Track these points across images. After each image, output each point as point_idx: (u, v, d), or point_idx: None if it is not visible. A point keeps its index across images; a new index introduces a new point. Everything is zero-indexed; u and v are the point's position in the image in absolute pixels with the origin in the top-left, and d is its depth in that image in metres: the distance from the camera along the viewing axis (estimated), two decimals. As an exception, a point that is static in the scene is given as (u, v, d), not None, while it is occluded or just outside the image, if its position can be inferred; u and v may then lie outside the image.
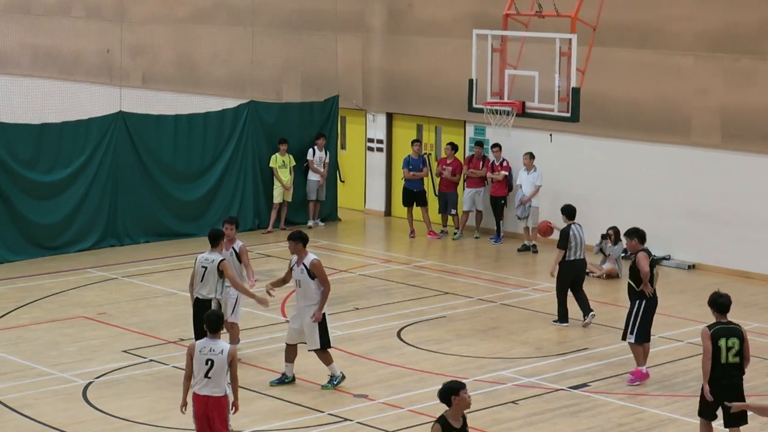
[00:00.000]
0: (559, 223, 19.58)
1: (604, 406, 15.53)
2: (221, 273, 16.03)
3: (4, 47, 34.18)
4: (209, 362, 12.54)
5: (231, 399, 12.79)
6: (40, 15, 34.99)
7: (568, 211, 19.30)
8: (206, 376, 12.55)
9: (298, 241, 16.02)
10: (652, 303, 16.46)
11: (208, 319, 12.78)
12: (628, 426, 14.91)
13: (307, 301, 15.83)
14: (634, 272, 16.43)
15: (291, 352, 16.13)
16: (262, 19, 29.10)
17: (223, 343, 12.70)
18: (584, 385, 16.23)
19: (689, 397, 15.92)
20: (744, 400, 13.35)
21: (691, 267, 23.14)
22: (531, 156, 24.38)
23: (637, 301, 16.40)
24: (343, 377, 16.10)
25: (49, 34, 34.23)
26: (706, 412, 13.53)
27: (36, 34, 34.43)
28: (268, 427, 14.73)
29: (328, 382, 16.05)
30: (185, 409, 12.84)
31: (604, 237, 22.58)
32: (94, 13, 33.44)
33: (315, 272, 15.82)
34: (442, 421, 10.79)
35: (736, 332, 13.50)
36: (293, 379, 16.19)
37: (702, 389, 13.39)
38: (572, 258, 18.89)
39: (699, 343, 18.13)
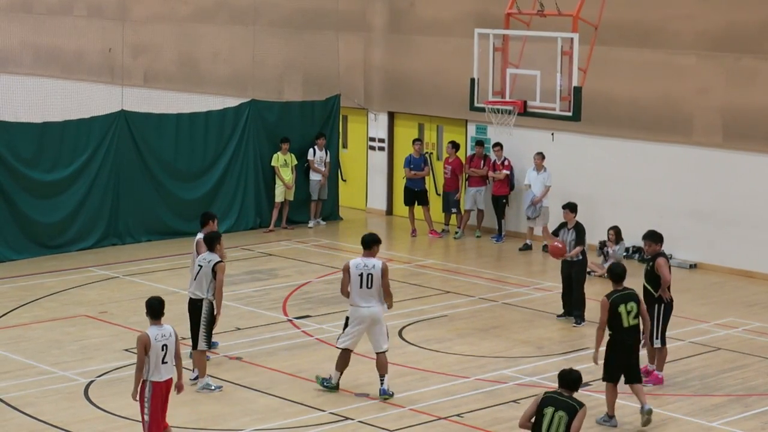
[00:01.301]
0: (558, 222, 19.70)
1: (605, 405, 15.52)
2: (215, 274, 15.97)
3: (6, 46, 34.19)
4: (164, 348, 12.92)
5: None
6: (42, 14, 35.01)
7: (575, 208, 19.50)
8: (163, 361, 12.93)
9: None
10: (670, 306, 16.46)
11: (151, 306, 13.10)
12: (630, 425, 14.90)
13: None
14: (652, 277, 16.28)
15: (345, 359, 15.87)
16: (264, 18, 29.11)
17: (168, 327, 13.11)
18: (586, 384, 16.19)
19: (690, 396, 15.93)
20: (638, 359, 14.88)
21: (693, 266, 23.14)
22: (542, 156, 24.30)
23: (656, 306, 16.28)
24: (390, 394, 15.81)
25: (51, 33, 34.24)
26: (611, 376, 14.71)
27: (38, 33, 34.45)
28: (269, 426, 14.74)
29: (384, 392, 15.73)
30: (137, 397, 13.06)
31: (602, 244, 22.64)
32: (96, 12, 33.45)
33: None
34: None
35: (633, 296, 14.83)
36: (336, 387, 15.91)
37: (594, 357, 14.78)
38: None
39: (701, 343, 18.29)
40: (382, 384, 15.65)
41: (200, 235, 16.94)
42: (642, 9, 23.52)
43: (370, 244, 15.72)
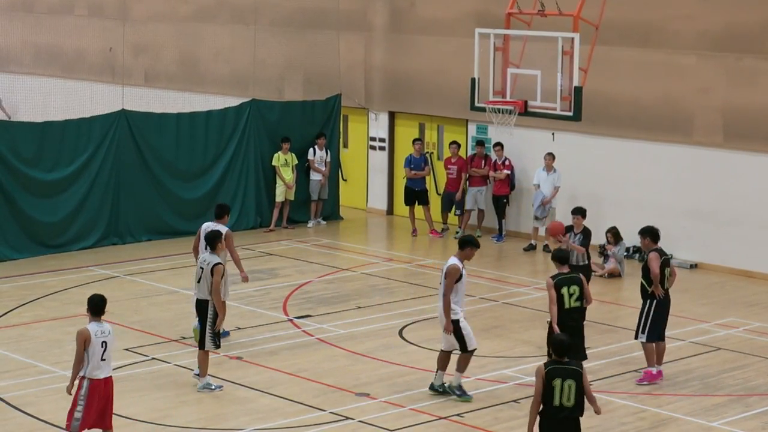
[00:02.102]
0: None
1: (606, 405, 15.50)
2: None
3: (7, 45, 34.19)
4: (104, 344, 12.89)
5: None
6: (42, 13, 35.01)
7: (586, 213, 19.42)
8: (102, 358, 12.87)
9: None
10: (663, 302, 16.44)
11: (93, 303, 13.07)
12: (630, 425, 14.91)
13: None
14: (647, 272, 16.38)
15: (445, 359, 15.79)
16: (265, 18, 29.11)
17: (107, 324, 13.07)
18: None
19: (691, 396, 15.93)
20: (584, 340, 15.46)
21: (694, 266, 23.14)
22: (552, 156, 24.26)
23: (648, 301, 16.38)
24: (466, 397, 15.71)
25: (51, 33, 34.24)
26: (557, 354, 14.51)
27: (38, 32, 34.44)
28: (269, 426, 14.74)
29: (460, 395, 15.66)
30: (72, 391, 12.98)
31: (602, 248, 22.68)
32: (97, 12, 33.46)
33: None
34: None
35: (576, 280, 15.45)
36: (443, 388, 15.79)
37: (550, 332, 15.03)
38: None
39: (701, 343, 18.29)
40: (435, 378, 15.72)
41: (209, 224, 17.51)
42: (643, 9, 23.51)
43: (464, 244, 15.72)
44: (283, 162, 26.05)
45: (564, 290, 15.30)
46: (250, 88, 28.06)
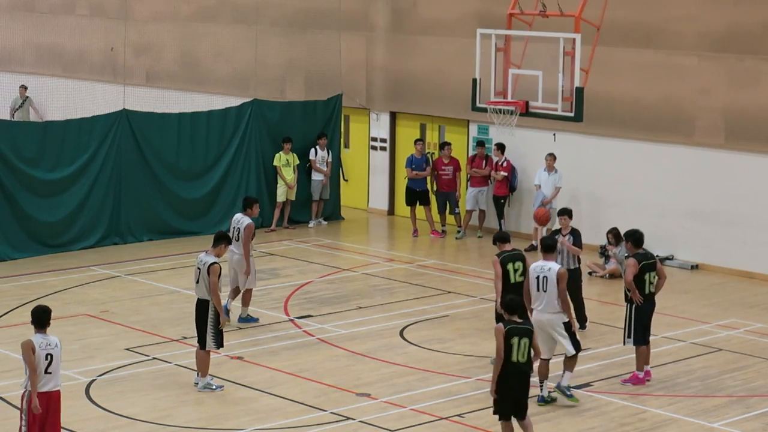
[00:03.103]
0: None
1: (607, 405, 15.53)
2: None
3: (8, 45, 34.19)
4: (49, 357, 12.69)
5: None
6: (44, 13, 35.01)
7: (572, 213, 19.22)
8: (46, 371, 12.67)
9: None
10: (646, 306, 16.35)
11: (36, 315, 12.86)
12: (631, 426, 14.91)
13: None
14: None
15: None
16: (266, 18, 29.11)
17: (53, 337, 12.85)
18: (587, 384, 16.22)
19: (692, 397, 15.93)
20: (526, 314, 15.14)
21: (695, 267, 23.12)
22: (553, 157, 24.24)
23: (628, 305, 16.36)
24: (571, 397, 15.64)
25: (53, 32, 34.24)
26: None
27: (40, 32, 34.45)
28: (270, 426, 14.74)
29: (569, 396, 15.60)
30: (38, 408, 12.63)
31: (603, 249, 22.65)
32: (98, 11, 33.46)
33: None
34: None
35: (520, 257, 16.43)
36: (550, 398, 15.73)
37: (496, 305, 15.91)
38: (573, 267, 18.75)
39: (702, 344, 18.29)
40: (541, 390, 15.63)
41: (239, 215, 18.78)
42: (644, 10, 23.51)
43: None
44: (285, 162, 26.05)
45: (509, 266, 16.24)
46: (252, 88, 28.07)
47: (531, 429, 13.88)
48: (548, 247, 15.74)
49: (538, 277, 15.41)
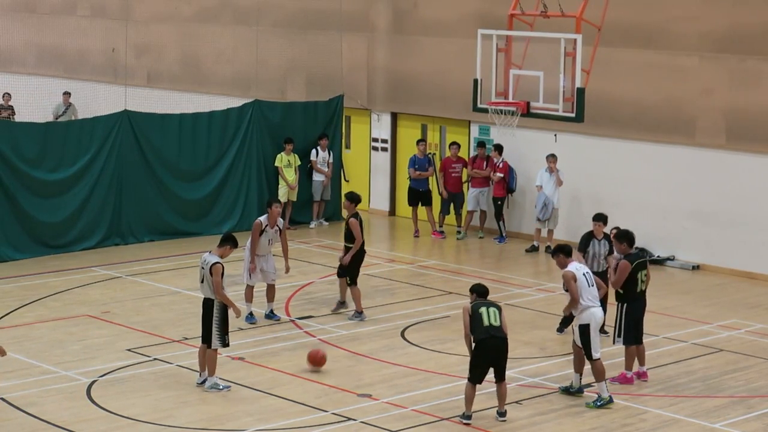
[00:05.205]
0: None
1: (608, 406, 15.53)
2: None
3: (10, 46, 34.23)
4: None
5: None
6: (45, 14, 35.04)
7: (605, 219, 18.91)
8: None
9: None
10: (636, 305, 16.32)
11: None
12: (632, 426, 14.90)
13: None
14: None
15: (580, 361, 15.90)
16: (267, 19, 29.13)
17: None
18: (588, 385, 16.21)
19: (693, 397, 15.93)
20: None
21: (696, 267, 23.12)
22: (555, 157, 24.21)
23: (618, 304, 16.36)
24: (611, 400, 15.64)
25: (54, 33, 34.27)
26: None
27: (41, 33, 34.49)
28: (271, 426, 14.74)
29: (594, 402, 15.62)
30: None
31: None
32: (100, 12, 33.48)
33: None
34: None
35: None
36: (580, 389, 15.90)
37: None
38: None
39: (703, 344, 18.27)
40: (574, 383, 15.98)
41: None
42: (645, 10, 23.51)
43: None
44: (286, 163, 26.05)
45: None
46: (253, 88, 28.07)
47: (506, 397, 14.86)
48: (570, 252, 16.03)
49: (585, 274, 15.71)
